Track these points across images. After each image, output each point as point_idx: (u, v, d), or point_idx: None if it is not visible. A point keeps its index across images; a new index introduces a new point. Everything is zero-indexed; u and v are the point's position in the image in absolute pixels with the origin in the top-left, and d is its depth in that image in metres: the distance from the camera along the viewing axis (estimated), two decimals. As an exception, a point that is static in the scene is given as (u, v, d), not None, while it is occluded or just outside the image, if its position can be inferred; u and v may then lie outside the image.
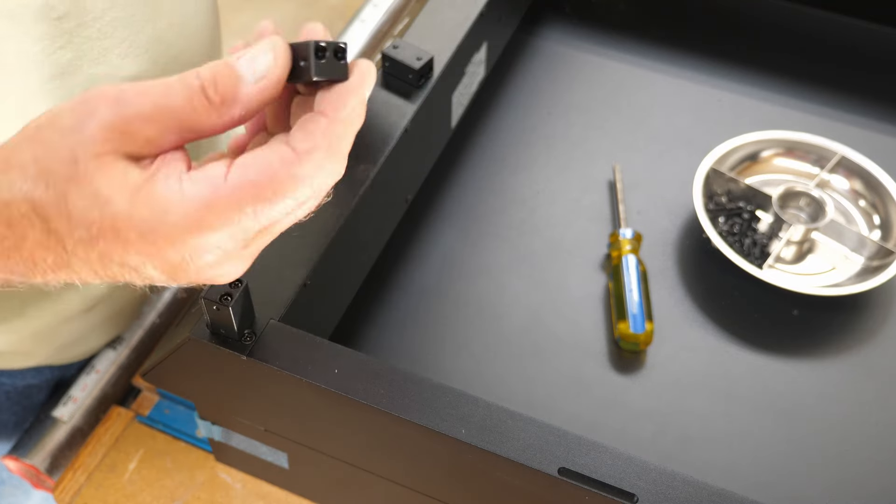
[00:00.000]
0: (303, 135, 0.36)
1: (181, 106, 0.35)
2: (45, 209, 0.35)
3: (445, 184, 0.77)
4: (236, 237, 0.35)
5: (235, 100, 0.35)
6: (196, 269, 0.36)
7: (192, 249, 0.35)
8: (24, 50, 0.50)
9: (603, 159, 0.79)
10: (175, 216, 0.34)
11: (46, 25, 0.50)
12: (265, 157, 0.35)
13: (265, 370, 0.49)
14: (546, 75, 0.86)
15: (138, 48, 0.57)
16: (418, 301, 0.70)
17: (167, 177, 0.35)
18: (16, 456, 0.67)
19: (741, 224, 0.74)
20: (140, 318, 0.74)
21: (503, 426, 0.47)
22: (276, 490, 0.65)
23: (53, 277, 0.37)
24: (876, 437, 0.64)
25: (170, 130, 0.35)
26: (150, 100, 0.34)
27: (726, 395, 0.65)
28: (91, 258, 0.35)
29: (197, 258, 0.35)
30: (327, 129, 0.36)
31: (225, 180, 0.35)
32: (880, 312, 0.70)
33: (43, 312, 0.64)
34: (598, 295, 0.71)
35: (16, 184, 0.35)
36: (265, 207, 0.35)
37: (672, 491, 0.45)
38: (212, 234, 0.35)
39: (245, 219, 0.35)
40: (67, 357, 0.71)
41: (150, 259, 0.35)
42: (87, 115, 0.34)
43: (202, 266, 0.36)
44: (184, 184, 0.34)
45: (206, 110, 0.35)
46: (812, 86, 0.85)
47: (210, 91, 0.35)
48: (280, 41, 0.36)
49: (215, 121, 0.35)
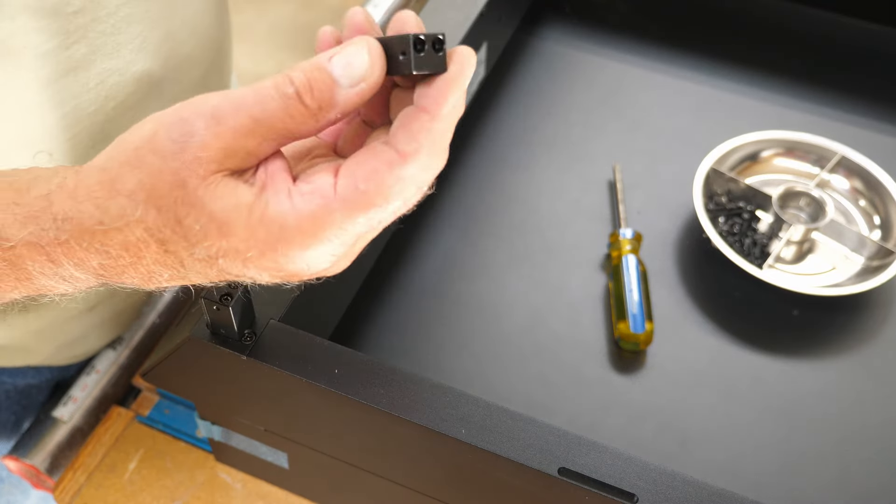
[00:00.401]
0: (406, 136, 0.35)
1: (279, 117, 0.34)
2: (161, 232, 0.35)
3: (445, 184, 0.77)
4: (347, 242, 0.36)
5: (332, 105, 0.35)
6: (310, 274, 0.37)
7: (308, 260, 0.36)
8: (40, 44, 0.50)
9: (603, 159, 0.79)
10: (290, 233, 0.35)
11: (62, 20, 0.51)
12: (371, 164, 0.35)
13: (265, 370, 0.49)
14: (546, 75, 0.86)
15: (151, 44, 0.57)
16: (418, 301, 0.70)
17: (276, 193, 0.35)
18: (16, 456, 0.67)
19: (741, 224, 0.74)
20: (140, 318, 0.74)
21: (503, 426, 0.47)
22: (276, 490, 0.65)
23: (166, 286, 0.38)
24: (875, 437, 0.64)
25: (268, 140, 0.35)
26: (247, 113, 0.34)
27: (726, 395, 0.65)
28: (209, 274, 0.36)
29: (313, 266, 0.36)
30: (430, 127, 0.35)
31: (335, 192, 0.35)
32: (880, 312, 0.70)
33: (44, 311, 0.64)
34: (598, 295, 0.71)
35: (126, 210, 0.35)
36: (376, 213, 0.35)
37: (672, 491, 0.45)
38: (327, 245, 0.35)
39: (357, 227, 0.35)
40: (68, 357, 0.71)
41: (267, 271, 0.36)
42: (187, 137, 0.34)
43: (316, 271, 0.37)
44: (294, 199, 0.35)
45: (304, 117, 0.35)
46: (812, 86, 0.85)
47: (307, 98, 0.34)
48: (374, 41, 0.35)
49: (312, 126, 0.35)
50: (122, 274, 0.37)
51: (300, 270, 0.36)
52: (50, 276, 0.38)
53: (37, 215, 0.37)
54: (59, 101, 0.53)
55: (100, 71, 0.55)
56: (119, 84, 0.56)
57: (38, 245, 0.37)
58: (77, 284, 0.39)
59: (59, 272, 0.38)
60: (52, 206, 0.37)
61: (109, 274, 0.38)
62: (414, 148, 0.35)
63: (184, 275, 0.37)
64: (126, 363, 0.72)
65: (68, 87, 0.53)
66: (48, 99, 0.53)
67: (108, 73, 0.55)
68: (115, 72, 0.56)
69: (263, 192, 0.35)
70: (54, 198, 0.37)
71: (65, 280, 0.39)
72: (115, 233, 0.36)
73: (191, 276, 0.37)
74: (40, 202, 0.37)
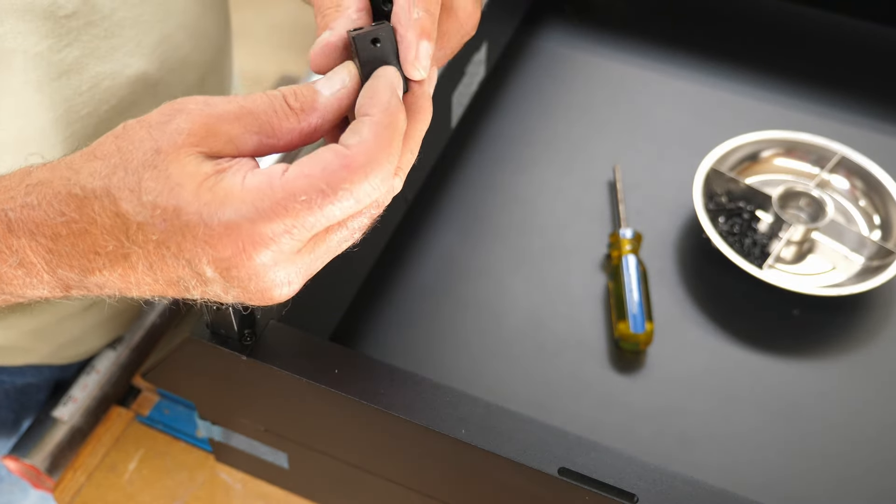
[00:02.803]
0: (350, 131, 0.37)
1: (263, 109, 0.37)
2: (119, 191, 0.36)
3: (445, 184, 0.77)
4: (291, 231, 0.36)
5: (314, 108, 0.38)
6: (250, 269, 0.36)
7: (246, 238, 0.36)
8: (31, 46, 0.50)
9: (603, 159, 0.79)
10: (233, 202, 0.35)
11: (53, 23, 0.51)
12: (318, 153, 0.37)
13: (265, 370, 0.49)
14: (546, 75, 0.86)
15: (146, 48, 0.57)
16: (418, 301, 0.70)
17: (234, 173, 0.36)
18: (16, 456, 0.67)
19: (741, 224, 0.74)
20: (140, 318, 0.74)
21: (503, 426, 0.47)
22: (276, 490, 0.65)
23: (108, 275, 0.38)
24: (876, 437, 0.64)
25: (251, 131, 0.37)
26: (236, 102, 0.37)
27: (726, 395, 0.66)
28: (149, 247, 0.37)
29: (251, 250, 0.36)
30: (373, 121, 0.37)
31: (282, 174, 0.36)
32: (880, 312, 0.70)
33: (44, 309, 0.64)
34: (598, 295, 0.71)
35: (98, 171, 0.37)
36: (319, 198, 0.36)
37: (672, 491, 0.45)
38: (266, 224, 0.35)
39: (300, 209, 0.36)
40: (68, 357, 0.71)
41: (205, 251, 0.36)
42: (176, 112, 0.37)
43: (257, 267, 0.36)
44: (246, 176, 0.36)
45: (287, 114, 0.38)
46: (812, 86, 0.85)
47: (290, 99, 0.38)
48: (351, 65, 0.40)
49: (294, 124, 0.38)
50: (73, 247, 0.38)
51: (238, 253, 0.36)
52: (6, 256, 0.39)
53: (12, 186, 0.39)
54: (51, 103, 0.53)
55: (93, 74, 0.54)
56: (113, 87, 0.56)
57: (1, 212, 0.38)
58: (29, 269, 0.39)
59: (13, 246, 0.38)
60: (30, 175, 0.39)
61: (60, 248, 0.38)
62: (357, 140, 0.36)
63: (126, 250, 0.37)
64: (126, 363, 0.72)
65: (61, 89, 0.53)
66: (40, 101, 0.53)
67: (101, 77, 0.55)
68: (109, 75, 0.55)
69: (224, 171, 0.36)
70: (34, 169, 0.39)
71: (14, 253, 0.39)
72: (78, 191, 0.37)
73: (132, 253, 0.37)
74: (21, 174, 0.39)
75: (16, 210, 0.38)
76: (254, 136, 0.37)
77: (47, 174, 0.38)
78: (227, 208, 0.35)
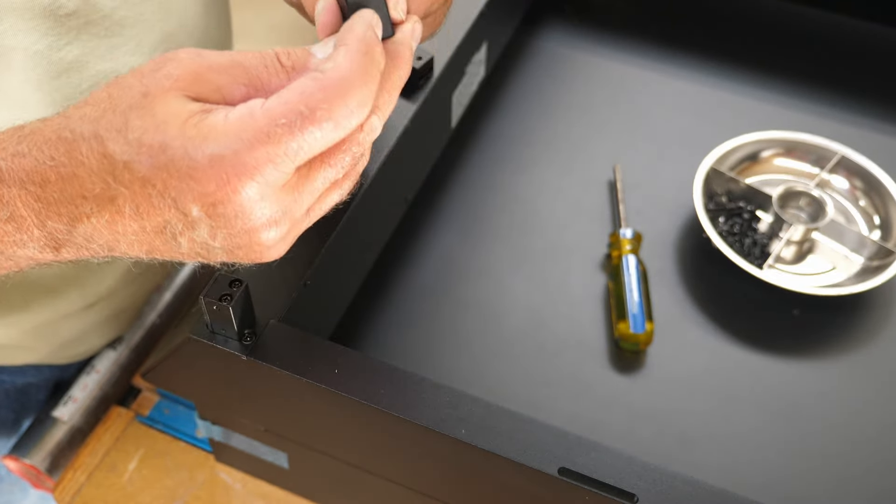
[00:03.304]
0: (327, 60, 0.38)
1: (254, 64, 0.38)
2: (107, 132, 0.37)
3: (445, 184, 0.77)
4: (274, 160, 0.36)
5: (306, 68, 0.38)
6: (236, 204, 0.36)
7: (230, 169, 0.36)
8: (31, 45, 0.50)
9: (603, 159, 0.79)
10: (217, 135, 0.36)
11: (53, 21, 0.51)
12: (296, 82, 0.37)
13: (265, 370, 0.49)
14: (546, 75, 0.86)
15: (146, 46, 0.57)
16: (418, 301, 0.70)
17: (218, 111, 0.37)
18: (16, 456, 0.67)
19: (741, 224, 0.74)
20: (140, 318, 0.74)
21: (503, 426, 0.47)
22: (276, 490, 0.65)
23: (96, 223, 0.38)
24: (876, 437, 0.64)
25: (239, 82, 0.37)
26: (228, 55, 0.38)
27: (726, 395, 0.65)
28: (135, 187, 0.36)
29: (236, 181, 0.36)
30: (346, 51, 0.38)
31: (262, 105, 0.36)
32: (880, 312, 0.70)
33: (44, 308, 0.64)
34: (598, 295, 0.71)
35: (88, 115, 0.37)
36: (299, 120, 0.36)
37: (672, 491, 0.45)
38: (249, 153, 0.36)
39: (282, 133, 0.36)
40: (68, 356, 0.71)
41: (189, 186, 0.36)
42: (167, 60, 0.37)
43: (242, 201, 0.36)
44: (229, 113, 0.36)
45: (277, 71, 0.38)
46: (812, 86, 0.85)
47: (283, 57, 0.38)
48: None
49: (283, 81, 0.38)
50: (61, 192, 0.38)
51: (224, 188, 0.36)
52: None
53: (4, 139, 0.39)
54: (50, 101, 0.53)
55: (93, 73, 0.54)
56: None
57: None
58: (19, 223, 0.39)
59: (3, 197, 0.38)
60: (22, 128, 0.39)
61: (48, 195, 0.38)
62: (332, 65, 0.37)
63: (113, 191, 0.37)
64: (126, 363, 0.72)
65: (60, 88, 0.53)
66: (40, 99, 0.53)
67: (101, 76, 0.55)
68: (109, 74, 0.55)
69: (209, 111, 0.36)
70: (28, 123, 0.40)
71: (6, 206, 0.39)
72: (68, 135, 0.37)
73: (119, 195, 0.37)
74: (14, 128, 0.40)
75: (7, 160, 0.38)
76: (241, 88, 0.37)
77: (39, 124, 0.39)
78: (210, 142, 0.36)
